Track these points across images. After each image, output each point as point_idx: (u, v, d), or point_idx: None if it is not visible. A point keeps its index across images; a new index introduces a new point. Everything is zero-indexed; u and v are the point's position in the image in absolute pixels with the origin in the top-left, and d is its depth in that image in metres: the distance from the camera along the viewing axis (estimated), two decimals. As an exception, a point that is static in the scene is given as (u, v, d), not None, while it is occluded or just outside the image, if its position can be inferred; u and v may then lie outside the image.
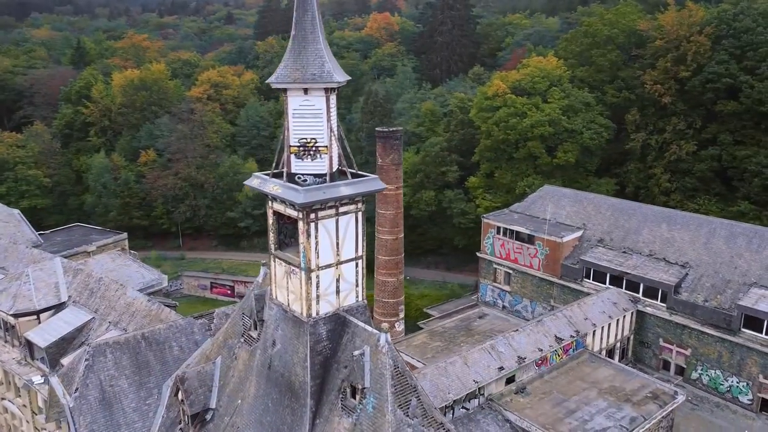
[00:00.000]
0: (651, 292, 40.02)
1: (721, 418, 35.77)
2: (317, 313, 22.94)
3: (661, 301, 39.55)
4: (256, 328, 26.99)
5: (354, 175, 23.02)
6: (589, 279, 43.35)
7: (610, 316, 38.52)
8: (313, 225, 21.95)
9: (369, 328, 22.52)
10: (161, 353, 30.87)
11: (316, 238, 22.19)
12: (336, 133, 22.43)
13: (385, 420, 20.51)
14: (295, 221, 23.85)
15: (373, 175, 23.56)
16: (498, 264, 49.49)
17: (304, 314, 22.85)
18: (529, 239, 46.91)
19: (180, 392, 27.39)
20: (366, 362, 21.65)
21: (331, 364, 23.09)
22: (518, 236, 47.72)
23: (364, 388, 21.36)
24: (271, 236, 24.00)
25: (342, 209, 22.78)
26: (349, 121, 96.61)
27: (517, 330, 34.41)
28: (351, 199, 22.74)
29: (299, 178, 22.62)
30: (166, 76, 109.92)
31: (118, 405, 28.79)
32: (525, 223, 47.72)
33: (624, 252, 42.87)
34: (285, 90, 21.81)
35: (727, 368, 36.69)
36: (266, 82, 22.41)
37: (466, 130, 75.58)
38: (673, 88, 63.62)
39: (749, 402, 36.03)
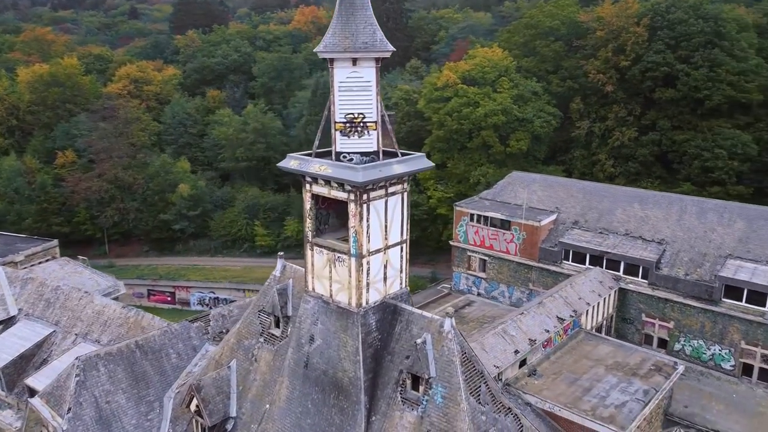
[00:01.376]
0: (632, 269, 41.17)
1: (707, 385, 37.33)
2: (366, 303, 21.34)
3: (642, 278, 40.78)
4: (278, 326, 24.90)
5: (398, 154, 21.59)
6: (568, 261, 44.02)
7: (599, 295, 39.23)
8: (365, 207, 20.36)
9: (428, 315, 21.26)
10: (158, 362, 27.85)
11: (367, 221, 20.63)
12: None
13: (460, 409, 19.34)
14: (334, 205, 22.23)
15: (419, 153, 22.23)
16: (472, 251, 49.31)
17: (354, 304, 21.20)
18: (504, 225, 47.04)
19: (195, 402, 24.78)
20: (429, 350, 20.35)
21: (383, 356, 21.58)
22: (493, 222, 47.76)
23: (429, 378, 20.05)
24: (309, 223, 22.08)
25: (391, 189, 21.35)
26: (287, 116, 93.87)
27: (522, 313, 34.15)
28: (399, 179, 21.34)
29: (344, 157, 20.94)
30: (79, 71, 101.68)
31: (117, 423, 25.63)
32: (499, 209, 47.83)
33: (600, 233, 43.90)
34: (331, 60, 20.02)
35: (710, 338, 38.38)
36: (315, 51, 20.47)
37: (414, 122, 75.25)
38: (614, 77, 66.44)
39: (731, 368, 37.87)
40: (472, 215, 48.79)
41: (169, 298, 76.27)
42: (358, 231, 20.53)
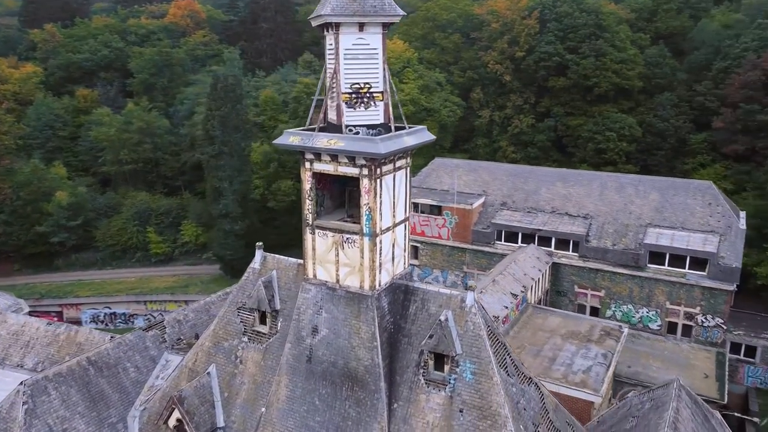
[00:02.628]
0: (563, 244, 43.24)
1: (641, 345, 40.12)
2: (379, 285, 20.17)
3: (573, 251, 42.96)
4: (264, 322, 22.87)
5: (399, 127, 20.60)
6: (501, 241, 45.29)
7: (539, 270, 40.71)
8: (378, 182, 19.18)
9: (445, 291, 20.48)
10: (116, 378, 24.48)
11: (380, 197, 19.44)
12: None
13: (493, 383, 18.86)
14: (328, 186, 20.78)
15: (420, 126, 21.34)
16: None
17: (367, 287, 19.95)
18: (434, 210, 47.41)
19: (176, 416, 22.05)
20: (452, 327, 19.64)
21: (399, 340, 20.53)
22: (422, 209, 47.94)
23: (456, 355, 19.34)
24: (309, 205, 20.43)
25: (398, 163, 20.33)
26: (174, 114, 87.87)
27: (482, 291, 34.43)
28: (405, 153, 20.39)
29: (350, 130, 19.55)
30: None
31: (78, 452, 22.13)
32: (428, 195, 48.11)
33: (529, 212, 45.63)
34: (337, 26, 18.56)
35: (638, 302, 41.32)
36: (316, 15, 18.77)
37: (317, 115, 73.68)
38: (510, 68, 69.60)
39: (658, 327, 41.06)
40: (401, 203, 48.49)
41: (55, 318, 68.14)
42: (372, 208, 19.28)
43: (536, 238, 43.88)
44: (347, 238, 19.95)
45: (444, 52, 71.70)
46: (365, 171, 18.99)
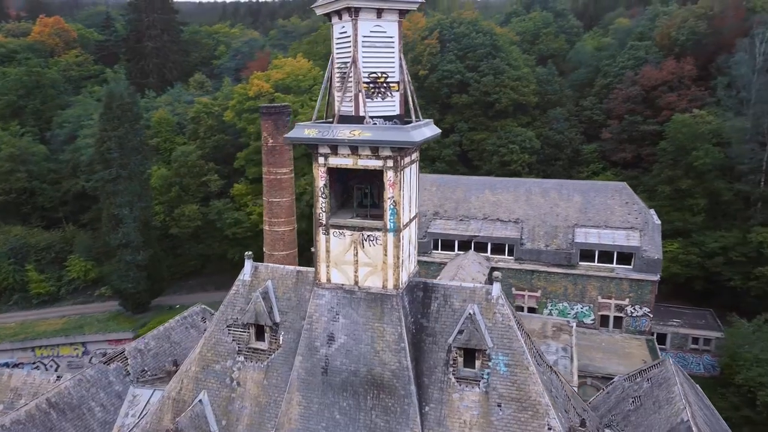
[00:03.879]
0: (499, 248, 44.51)
1: (580, 339, 41.91)
2: (402, 283, 19.30)
3: (509, 255, 44.34)
4: (262, 338, 20.97)
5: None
6: (437, 249, 45.71)
7: (483, 274, 41.43)
8: (401, 174, 18.45)
9: (468, 284, 20.02)
10: (81, 420, 21.17)
11: (402, 190, 18.71)
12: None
13: (530, 373, 18.65)
14: (333, 185, 19.61)
15: (427, 119, 20.85)
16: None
17: (391, 286, 19.03)
18: (369, 223, 46.84)
19: (171, 453, 19.39)
20: (480, 321, 19.21)
21: (422, 340, 19.71)
22: (356, 223, 47.20)
23: (486, 349, 18.91)
24: (323, 204, 19.15)
25: (413, 156, 19.74)
26: (51, 139, 79.57)
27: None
28: (418, 146, 19.84)
29: (366, 122, 18.65)
30: None
31: None
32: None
33: (461, 220, 46.56)
34: (356, 11, 17.69)
35: (572, 298, 43.45)
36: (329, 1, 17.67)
37: (219, 137, 70.67)
38: (414, 86, 71.15)
39: (592, 321, 43.38)
40: (333, 218, 47.40)
41: None
42: (397, 201, 18.46)
43: (472, 244, 44.75)
44: (368, 236, 18.90)
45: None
46: (390, 163, 18.17)
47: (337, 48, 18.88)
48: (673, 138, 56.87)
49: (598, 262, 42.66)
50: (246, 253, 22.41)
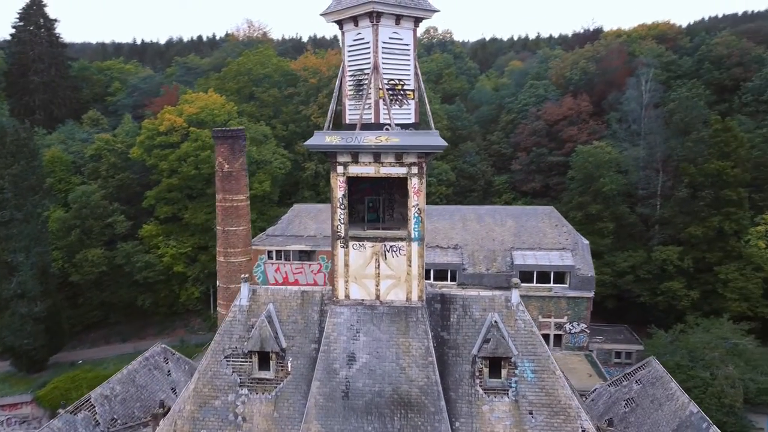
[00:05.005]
0: (441, 274, 44.88)
1: (525, 360, 43.00)
2: (424, 294, 18.79)
3: (451, 280, 44.82)
4: (267, 367, 19.40)
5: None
6: (380, 279, 45.17)
7: (433, 300, 41.43)
8: (423, 181, 18.16)
9: (486, 293, 19.81)
10: (54, 481, 17.97)
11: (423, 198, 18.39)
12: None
13: (557, 377, 18.75)
14: (352, 192, 19.01)
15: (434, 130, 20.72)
16: (275, 291, 45.89)
17: (415, 297, 18.49)
18: (309, 256, 45.60)
19: (177, 504, 17.06)
20: (503, 329, 19.09)
21: (445, 353, 19.24)
22: (294, 256, 45.76)
23: (512, 357, 18.78)
24: (341, 215, 18.29)
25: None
26: None
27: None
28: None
29: (386, 129, 18.26)
30: None
31: None
32: (300, 242, 46.14)
33: (401, 248, 46.47)
34: (378, 16, 17.44)
35: (514, 319, 44.44)
36: (357, 3, 17.16)
37: (124, 174, 66.10)
38: (334, 123, 71.39)
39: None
40: (270, 252, 45.63)
41: None
42: (422, 209, 18.05)
43: (415, 272, 44.70)
44: (391, 246, 18.26)
45: (264, 105, 70.68)
46: (414, 169, 17.84)
47: (351, 55, 18.43)
48: (580, 167, 61.14)
49: (536, 283, 44.24)
50: (242, 276, 20.71)
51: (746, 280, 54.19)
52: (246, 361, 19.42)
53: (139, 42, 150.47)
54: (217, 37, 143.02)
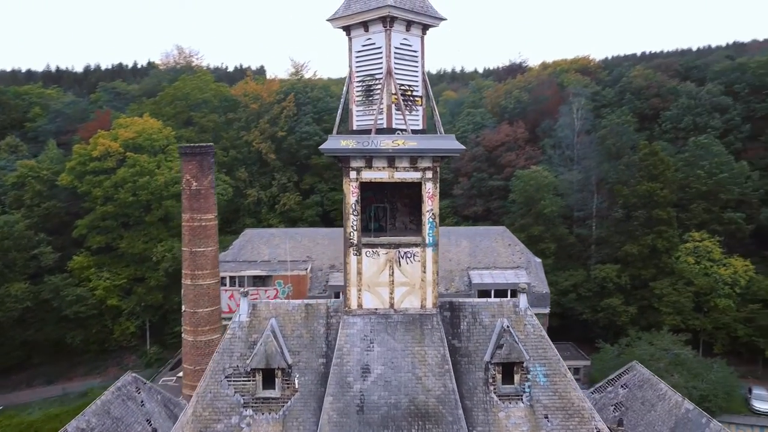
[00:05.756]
0: (401, 296, 44.60)
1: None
2: (437, 301, 18.60)
3: (411, 302, 44.60)
4: (272, 385, 18.46)
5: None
6: (339, 303, 44.42)
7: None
8: (437, 186, 18.13)
9: (494, 300, 19.85)
10: None
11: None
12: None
13: (568, 380, 18.93)
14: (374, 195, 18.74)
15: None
16: (227, 319, 43.99)
17: (430, 305, 18.31)
18: (264, 281, 44.25)
19: None
20: (515, 334, 19.15)
21: (458, 361, 19.05)
22: (248, 282, 44.24)
23: (524, 362, 18.83)
24: (354, 222, 17.84)
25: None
26: None
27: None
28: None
29: (397, 133, 18.15)
30: None
31: None
32: (255, 267, 44.71)
33: (359, 271, 46.00)
34: (392, 21, 17.44)
35: (474, 338, 44.77)
36: (376, 7, 17.07)
37: (51, 203, 61.97)
38: (273, 147, 70.59)
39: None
40: (223, 279, 43.80)
41: None
42: (436, 214, 17.93)
43: (375, 294, 44.26)
44: (405, 253, 17.96)
45: (203, 131, 68.70)
46: (429, 174, 17.75)
47: (359, 61, 18.27)
48: (521, 190, 63.26)
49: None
50: (241, 290, 19.66)
51: (678, 295, 57.46)
52: (249, 380, 18.31)
53: (53, 68, 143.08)
54: (139, 65, 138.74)
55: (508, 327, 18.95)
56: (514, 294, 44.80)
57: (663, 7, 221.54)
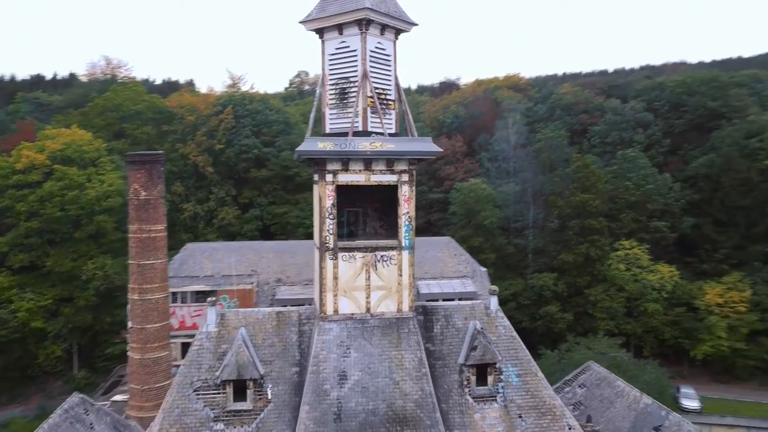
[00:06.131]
0: (350, 308, 44.24)
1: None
2: (414, 304, 18.61)
3: (360, 313, 44.32)
4: (244, 397, 17.88)
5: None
6: (287, 317, 43.54)
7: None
8: (413, 189, 18.23)
9: (466, 302, 20.06)
10: None
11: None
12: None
13: (539, 378, 19.39)
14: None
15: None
16: (174, 337, 42.16)
17: (406, 308, 18.27)
18: (202, 298, 42.86)
19: None
20: (488, 336, 19.42)
21: (432, 365, 19.10)
22: (191, 298, 42.72)
23: (496, 363, 19.11)
24: (330, 226, 17.62)
25: (408, 174, 19.56)
26: None
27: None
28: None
29: (374, 137, 18.14)
30: None
31: None
32: (196, 282, 43.21)
33: (306, 284, 45.38)
34: (368, 24, 17.47)
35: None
36: (353, 9, 16.99)
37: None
38: (210, 160, 68.81)
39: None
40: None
41: None
42: (412, 217, 17.96)
43: (324, 307, 43.70)
44: (381, 256, 17.89)
45: (136, 143, 65.95)
46: (405, 177, 17.82)
47: (333, 64, 18.17)
48: (461, 202, 64.54)
49: (442, 311, 45.23)
50: (209, 299, 18.90)
51: (611, 301, 60.15)
52: (219, 393, 17.57)
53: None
54: (59, 76, 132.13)
55: (481, 329, 19.14)
56: (461, 303, 45.40)
57: (581, 31, 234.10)
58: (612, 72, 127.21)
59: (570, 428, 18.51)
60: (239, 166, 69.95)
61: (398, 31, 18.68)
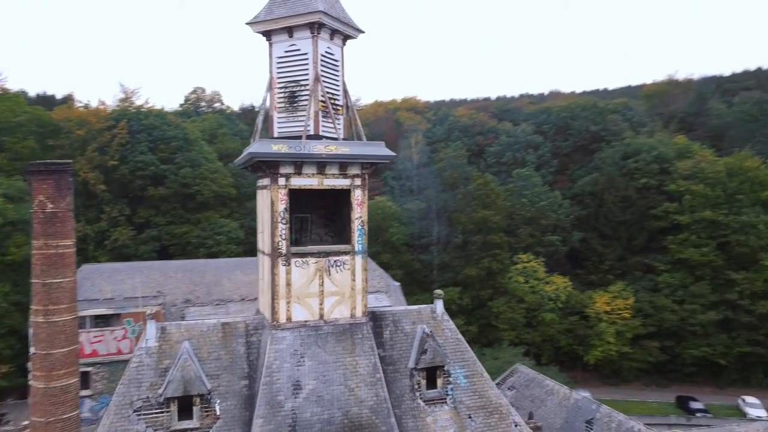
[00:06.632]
0: (265, 327, 42.99)
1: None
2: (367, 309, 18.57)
3: (276, 332, 43.18)
4: (189, 415, 16.95)
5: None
6: (198, 339, 41.48)
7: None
8: (366, 193, 18.29)
9: (412, 307, 20.24)
10: None
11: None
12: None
13: (485, 379, 19.99)
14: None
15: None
16: (67, 366, 38.63)
17: (359, 313, 18.25)
18: (102, 322, 40.03)
19: None
20: (436, 338, 19.75)
21: (384, 370, 18.98)
22: (90, 323, 39.60)
23: (445, 365, 19.49)
24: (283, 231, 17.19)
25: (360, 179, 19.57)
26: None
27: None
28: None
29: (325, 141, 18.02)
30: None
31: None
32: (97, 305, 40.15)
33: (218, 304, 43.58)
34: (320, 27, 17.40)
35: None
36: (305, 12, 16.74)
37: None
38: (102, 178, 64.48)
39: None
40: (61, 320, 38.52)
41: None
42: (365, 221, 17.93)
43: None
44: (335, 261, 17.68)
45: (17, 158, 60.18)
46: (357, 181, 17.82)
47: (281, 67, 17.89)
48: (370, 219, 65.07)
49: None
50: (148, 312, 17.63)
51: (513, 312, 63.07)
52: (163, 412, 16.36)
53: None
54: None
55: (430, 332, 19.36)
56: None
57: (466, 60, 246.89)
58: (495, 99, 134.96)
59: (516, 425, 19.13)
60: (135, 184, 66.07)
61: (346, 37, 18.74)
